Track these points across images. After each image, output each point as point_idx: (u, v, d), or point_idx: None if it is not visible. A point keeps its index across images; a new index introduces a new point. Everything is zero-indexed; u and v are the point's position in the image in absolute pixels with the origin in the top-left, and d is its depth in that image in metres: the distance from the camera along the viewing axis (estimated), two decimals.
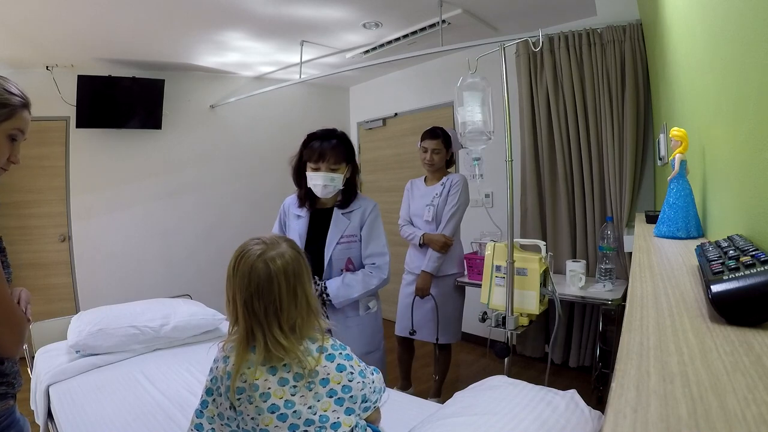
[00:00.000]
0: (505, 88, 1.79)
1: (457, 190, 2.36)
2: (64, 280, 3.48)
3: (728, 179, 0.84)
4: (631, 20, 2.52)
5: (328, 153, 1.67)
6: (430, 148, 2.41)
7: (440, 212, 2.38)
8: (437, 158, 2.42)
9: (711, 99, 0.98)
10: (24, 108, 0.93)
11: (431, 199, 2.42)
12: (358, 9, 2.66)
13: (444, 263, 2.36)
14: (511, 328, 1.83)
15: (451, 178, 2.41)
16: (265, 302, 0.91)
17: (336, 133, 1.75)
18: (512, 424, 1.07)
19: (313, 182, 1.70)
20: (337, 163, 1.69)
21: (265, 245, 0.97)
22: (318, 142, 1.70)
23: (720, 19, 0.85)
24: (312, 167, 1.70)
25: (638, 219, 1.68)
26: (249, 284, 0.92)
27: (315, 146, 1.69)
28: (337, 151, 1.69)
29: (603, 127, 2.65)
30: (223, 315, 2.28)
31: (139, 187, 3.70)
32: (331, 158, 1.67)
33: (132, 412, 1.46)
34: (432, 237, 2.35)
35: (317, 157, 1.67)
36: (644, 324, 0.50)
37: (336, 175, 1.70)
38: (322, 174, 1.68)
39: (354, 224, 1.77)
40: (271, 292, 0.92)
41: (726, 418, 0.29)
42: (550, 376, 2.03)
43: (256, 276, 0.92)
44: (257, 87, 3.87)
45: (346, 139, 1.77)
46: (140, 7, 2.48)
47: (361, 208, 1.80)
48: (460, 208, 2.37)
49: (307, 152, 1.72)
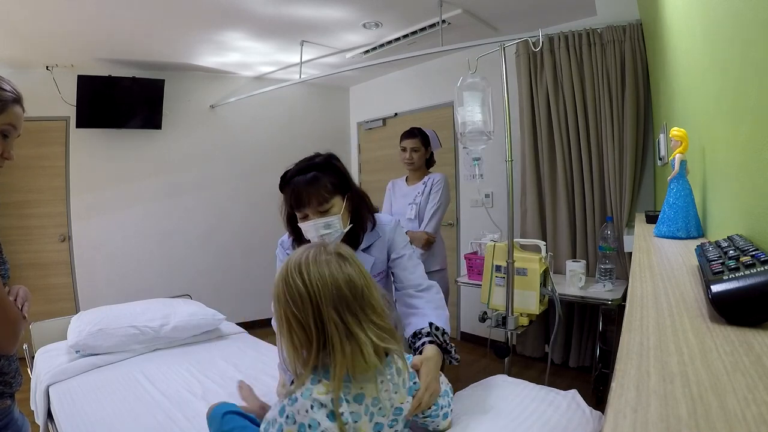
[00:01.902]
0: (505, 88, 1.79)
1: (438, 189, 2.41)
2: (64, 280, 3.48)
3: (728, 179, 0.84)
4: (631, 20, 2.52)
5: (305, 194, 1.24)
6: (408, 147, 2.47)
7: (422, 210, 2.43)
8: (416, 156, 2.47)
9: (711, 99, 0.98)
10: (15, 103, 0.91)
11: (413, 197, 2.47)
12: (358, 9, 2.66)
13: (427, 260, 2.37)
14: (511, 328, 1.83)
15: (433, 177, 2.46)
16: (360, 304, 0.84)
17: (315, 164, 1.29)
18: (514, 424, 1.07)
19: (307, 235, 1.30)
20: (323, 202, 1.26)
21: (317, 249, 0.87)
22: (293, 181, 1.27)
23: (720, 18, 0.85)
24: (299, 216, 1.30)
25: (638, 219, 1.68)
26: (337, 291, 0.82)
27: (292, 188, 1.27)
28: (318, 186, 1.25)
29: (603, 127, 2.65)
30: (223, 315, 2.28)
31: (139, 187, 3.70)
32: (313, 199, 1.24)
33: (132, 412, 1.46)
34: (414, 234, 2.38)
35: (296, 202, 1.26)
36: (644, 324, 0.50)
37: (330, 219, 1.27)
38: (312, 223, 1.27)
39: (379, 259, 1.40)
40: (362, 294, 0.84)
41: (726, 418, 0.29)
42: (550, 376, 2.03)
43: (344, 279, 0.83)
44: (257, 87, 3.87)
45: (329, 163, 1.30)
46: (140, 7, 2.48)
47: (381, 237, 1.40)
48: (442, 206, 2.42)
49: (285, 197, 1.32)
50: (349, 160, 4.66)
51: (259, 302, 4.07)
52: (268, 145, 4.18)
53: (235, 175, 4.07)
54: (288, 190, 1.29)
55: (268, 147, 4.18)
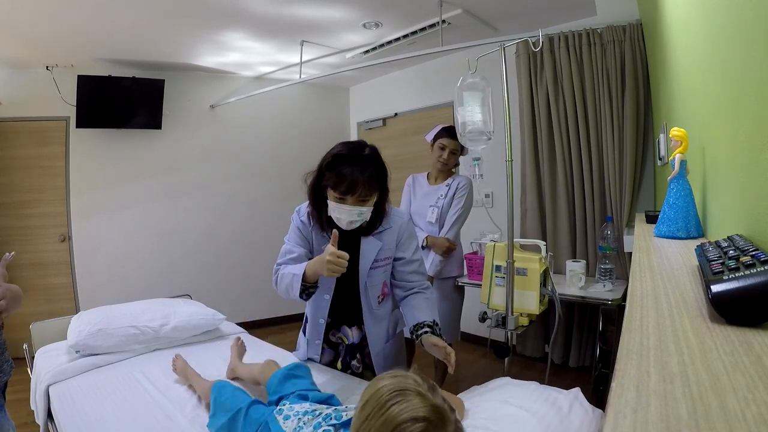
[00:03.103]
0: (505, 88, 1.79)
1: (463, 194, 2.32)
2: (64, 280, 3.48)
3: (728, 179, 0.84)
4: (631, 20, 2.52)
5: (361, 185, 1.33)
6: (449, 148, 2.32)
7: (444, 214, 2.35)
8: (453, 159, 2.36)
9: (711, 99, 0.98)
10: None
11: (435, 199, 2.38)
12: (358, 9, 2.66)
13: (445, 266, 2.36)
14: (511, 328, 1.83)
15: (458, 180, 2.36)
16: None
17: (369, 156, 1.38)
18: (516, 424, 1.07)
19: (336, 215, 1.38)
20: (367, 196, 1.36)
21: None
22: (348, 168, 1.33)
23: (720, 18, 0.85)
24: (336, 196, 1.36)
25: (638, 219, 1.68)
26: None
27: (345, 173, 1.32)
28: (371, 181, 1.35)
29: (603, 127, 2.65)
30: (223, 315, 2.28)
31: (139, 187, 3.70)
32: (363, 190, 1.34)
33: (132, 412, 1.46)
34: (436, 241, 2.32)
35: (346, 189, 1.33)
36: (644, 324, 0.50)
37: (365, 208, 1.38)
38: (348, 208, 1.35)
39: (388, 245, 1.50)
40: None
41: (726, 418, 0.29)
42: (550, 376, 2.03)
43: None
44: (257, 87, 3.87)
45: (380, 160, 1.41)
46: (140, 6, 2.48)
47: (393, 226, 1.51)
48: (465, 213, 2.34)
49: (331, 177, 1.36)
50: None
51: (259, 302, 4.08)
52: (268, 145, 4.18)
53: (235, 175, 4.07)
54: (336, 173, 1.34)
55: (268, 147, 4.18)
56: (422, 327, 1.41)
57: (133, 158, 3.67)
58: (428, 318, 1.43)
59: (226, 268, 4.01)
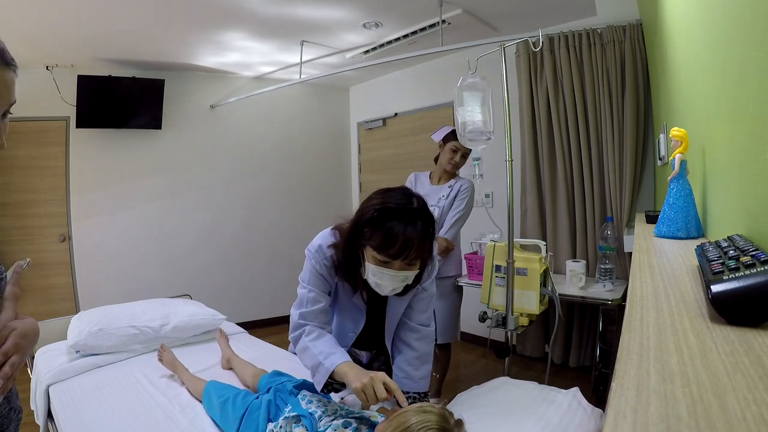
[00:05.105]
0: (505, 88, 1.79)
1: (465, 196, 2.32)
2: (64, 280, 3.48)
3: (728, 179, 0.84)
4: (631, 20, 2.52)
5: (415, 247, 1.11)
6: (461, 151, 2.32)
7: (445, 215, 2.35)
8: (463, 162, 2.36)
9: (711, 99, 0.98)
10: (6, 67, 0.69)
11: (437, 200, 2.39)
12: (358, 9, 2.66)
13: (443, 265, 2.36)
14: (511, 328, 1.83)
15: (461, 182, 2.36)
16: None
17: (418, 210, 1.15)
18: (516, 424, 1.07)
19: (377, 280, 1.17)
20: (419, 258, 1.17)
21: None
22: (400, 226, 1.10)
23: (720, 19, 0.85)
24: (379, 260, 1.14)
25: (638, 219, 1.68)
26: None
27: (396, 232, 1.10)
28: (424, 240, 1.14)
29: (603, 127, 2.65)
30: (223, 315, 2.28)
31: (139, 187, 3.70)
32: (414, 253, 1.13)
33: (132, 412, 1.46)
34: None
35: (397, 251, 1.11)
36: (644, 324, 0.50)
37: (411, 273, 1.17)
38: (392, 273, 1.14)
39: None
40: None
41: (726, 418, 0.29)
42: (550, 376, 2.03)
43: None
44: (257, 87, 3.87)
45: (428, 212, 1.18)
46: (140, 6, 2.48)
47: (422, 283, 1.33)
48: (465, 215, 2.34)
49: (376, 236, 1.13)
50: (349, 160, 4.67)
51: (259, 302, 4.08)
52: (267, 146, 4.18)
53: (235, 175, 4.07)
54: (384, 233, 1.11)
55: (268, 147, 4.18)
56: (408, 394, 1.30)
57: (133, 158, 3.67)
58: (417, 388, 1.33)
59: (226, 268, 4.00)
